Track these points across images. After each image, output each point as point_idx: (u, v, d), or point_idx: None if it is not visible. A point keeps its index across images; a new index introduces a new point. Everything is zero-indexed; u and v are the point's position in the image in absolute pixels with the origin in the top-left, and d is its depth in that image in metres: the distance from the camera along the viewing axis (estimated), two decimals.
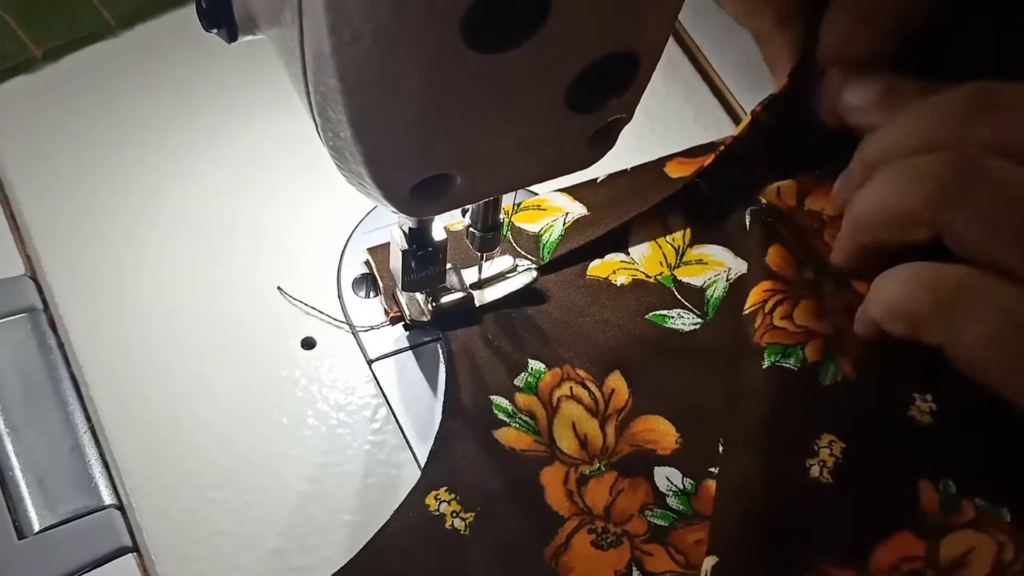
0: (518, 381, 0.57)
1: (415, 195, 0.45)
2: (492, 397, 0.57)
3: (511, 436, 0.56)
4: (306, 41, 0.40)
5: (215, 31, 0.44)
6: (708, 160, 0.63)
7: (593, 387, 0.57)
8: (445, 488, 0.54)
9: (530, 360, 0.58)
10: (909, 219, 0.53)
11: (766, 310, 0.57)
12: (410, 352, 0.60)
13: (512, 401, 0.57)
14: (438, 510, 0.54)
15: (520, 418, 0.56)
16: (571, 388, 0.57)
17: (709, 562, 0.51)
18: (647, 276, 0.61)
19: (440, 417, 0.56)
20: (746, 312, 0.58)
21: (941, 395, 0.56)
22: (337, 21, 0.37)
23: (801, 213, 0.62)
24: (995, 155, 0.52)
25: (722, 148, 0.63)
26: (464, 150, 0.44)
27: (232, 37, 0.44)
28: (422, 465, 0.56)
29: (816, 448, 0.53)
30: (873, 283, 0.55)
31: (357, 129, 0.41)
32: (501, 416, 0.56)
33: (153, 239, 0.62)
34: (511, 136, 0.44)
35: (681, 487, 0.55)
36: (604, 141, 0.48)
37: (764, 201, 0.62)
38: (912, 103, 0.56)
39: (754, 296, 0.58)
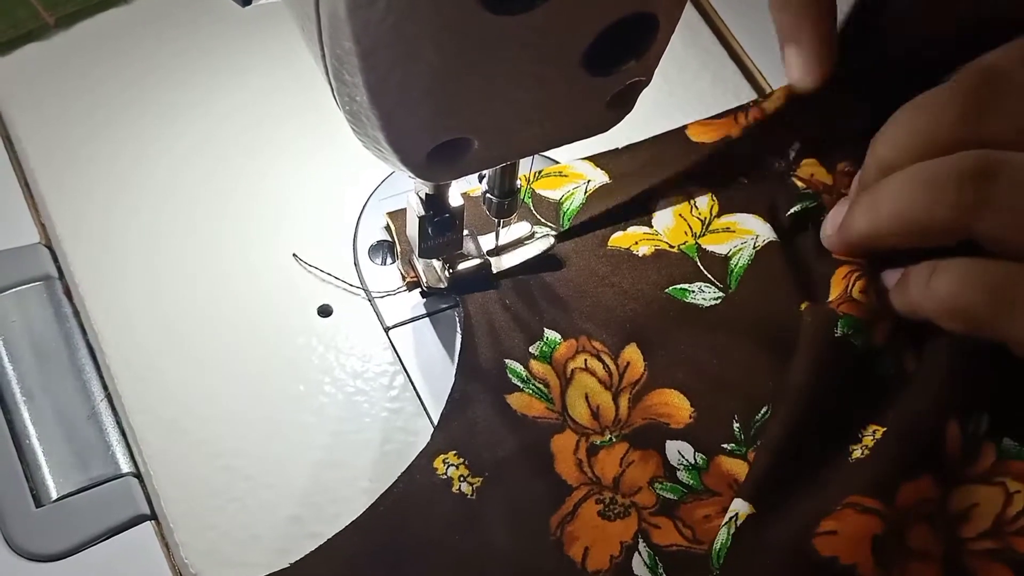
0: (533, 349, 0.57)
1: (431, 159, 0.45)
2: (507, 361, 0.56)
3: (523, 402, 0.56)
4: (321, 4, 0.39)
5: None
6: (731, 128, 0.63)
7: (608, 360, 0.57)
8: (454, 452, 0.54)
9: (546, 329, 0.58)
10: (935, 231, 0.53)
11: (848, 287, 0.57)
12: (427, 319, 0.59)
13: (527, 367, 0.56)
14: (446, 474, 0.54)
15: (534, 384, 0.56)
16: (585, 361, 0.57)
17: (743, 507, 0.51)
18: (670, 246, 0.61)
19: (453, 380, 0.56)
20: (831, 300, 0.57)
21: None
22: None
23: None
24: (1011, 148, 0.51)
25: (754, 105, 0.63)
26: (481, 114, 0.44)
27: (246, 1, 0.44)
28: None
29: (861, 436, 0.53)
30: (916, 270, 0.54)
31: (373, 93, 0.41)
32: (515, 380, 0.56)
33: (168, 206, 0.62)
34: (528, 99, 0.44)
35: (692, 462, 0.55)
36: (622, 104, 0.48)
37: (801, 184, 0.62)
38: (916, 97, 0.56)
39: (837, 286, 0.57)
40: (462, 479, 0.53)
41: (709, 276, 0.60)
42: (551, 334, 0.57)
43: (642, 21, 0.43)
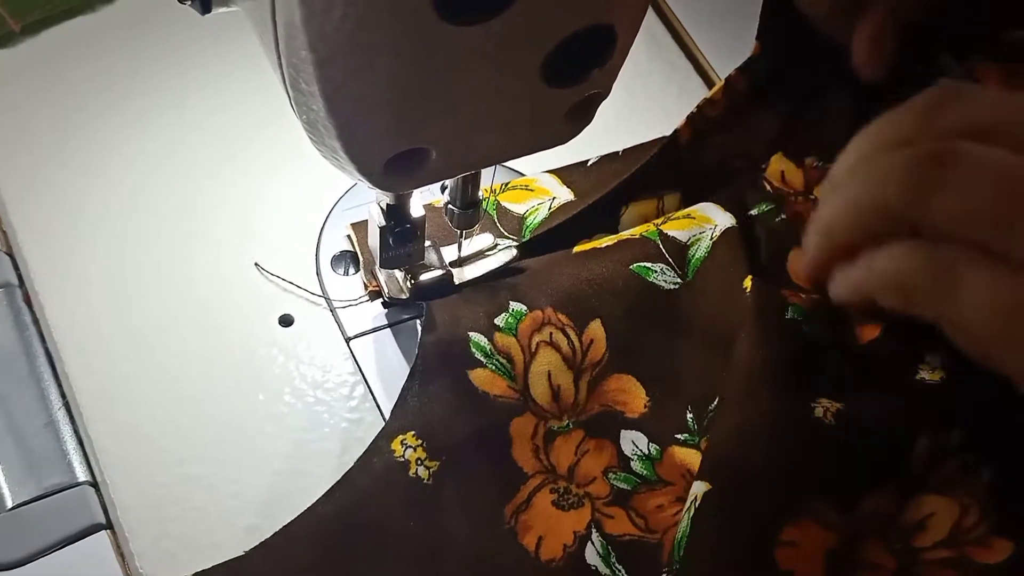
0: (499, 321, 0.56)
1: (389, 169, 0.45)
2: (470, 334, 0.56)
3: (485, 378, 0.55)
4: (278, 11, 0.39)
5: (188, 3, 0.44)
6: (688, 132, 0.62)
7: (572, 335, 0.57)
8: (413, 433, 0.54)
9: (512, 302, 0.57)
10: (883, 217, 0.52)
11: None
12: (388, 330, 0.59)
13: (491, 340, 0.56)
14: (403, 456, 0.53)
15: (497, 359, 0.56)
16: (551, 334, 0.56)
17: (700, 487, 0.50)
18: (632, 235, 0.60)
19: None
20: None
21: (949, 360, 0.55)
22: None
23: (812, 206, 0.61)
24: (964, 139, 0.51)
25: (696, 109, 0.62)
26: (438, 124, 0.44)
27: (206, 8, 0.44)
28: None
29: (813, 407, 0.53)
30: (863, 258, 0.54)
31: (329, 102, 0.41)
32: (478, 355, 0.56)
33: (130, 215, 0.62)
34: (486, 110, 0.44)
35: (646, 452, 0.55)
36: (582, 116, 0.48)
37: (769, 187, 0.62)
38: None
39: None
40: (419, 462, 0.53)
41: (670, 260, 0.59)
42: (517, 306, 0.57)
43: (600, 33, 0.43)
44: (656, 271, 0.59)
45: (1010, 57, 0.58)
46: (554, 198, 0.62)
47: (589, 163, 0.64)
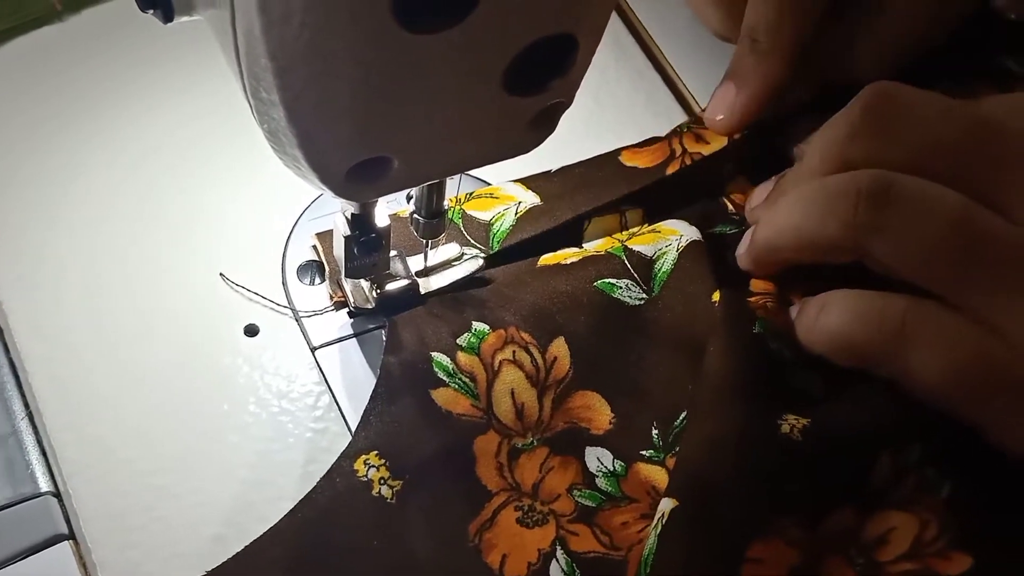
0: (461, 340, 0.57)
1: (351, 178, 0.45)
2: (433, 354, 0.56)
3: (448, 397, 0.55)
4: (237, 20, 0.39)
5: (151, 12, 0.44)
6: (664, 155, 0.63)
7: (536, 353, 0.57)
8: (376, 453, 0.54)
9: (474, 322, 0.57)
10: (827, 248, 0.52)
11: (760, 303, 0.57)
12: (354, 340, 0.59)
13: (453, 359, 0.56)
14: (366, 476, 0.53)
15: (460, 378, 0.56)
16: (514, 352, 0.56)
17: (668, 503, 0.50)
18: (598, 252, 0.61)
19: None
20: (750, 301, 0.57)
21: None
22: None
23: None
24: (902, 170, 0.51)
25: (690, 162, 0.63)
26: (400, 133, 0.44)
27: (168, 18, 0.44)
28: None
29: (780, 422, 0.52)
30: (805, 308, 0.55)
31: (290, 111, 0.41)
32: (440, 375, 0.56)
33: (97, 225, 0.61)
34: (448, 119, 0.44)
35: (611, 469, 0.55)
36: (545, 125, 0.48)
37: (731, 207, 0.62)
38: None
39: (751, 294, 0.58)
40: (382, 482, 0.53)
41: (635, 275, 0.59)
42: (479, 325, 0.57)
43: (561, 42, 0.43)
44: (621, 287, 0.59)
45: None
46: (519, 203, 0.62)
47: (552, 172, 0.64)
